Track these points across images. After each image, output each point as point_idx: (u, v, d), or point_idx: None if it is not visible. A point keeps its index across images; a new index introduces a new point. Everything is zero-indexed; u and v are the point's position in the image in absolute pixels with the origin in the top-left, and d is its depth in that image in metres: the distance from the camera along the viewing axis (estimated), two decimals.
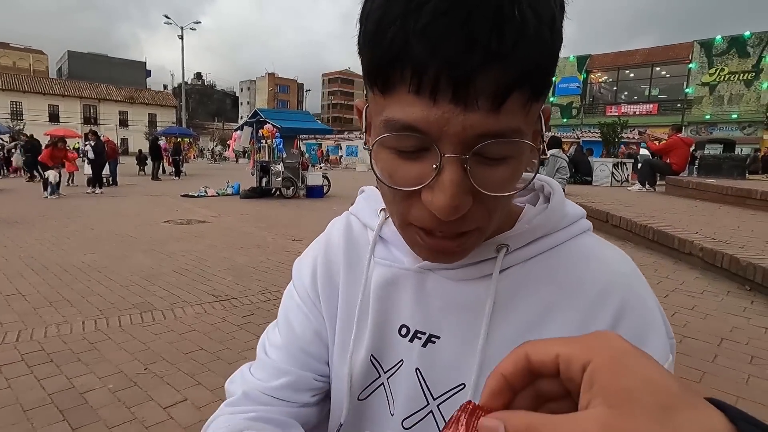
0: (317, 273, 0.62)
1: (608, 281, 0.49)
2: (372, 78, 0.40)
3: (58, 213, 8.73)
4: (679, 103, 25.83)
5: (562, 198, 0.55)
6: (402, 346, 0.55)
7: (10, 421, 2.17)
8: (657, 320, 0.48)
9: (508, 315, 0.50)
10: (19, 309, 3.66)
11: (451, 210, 0.39)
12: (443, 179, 0.38)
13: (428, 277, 0.54)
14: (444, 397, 0.52)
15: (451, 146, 0.38)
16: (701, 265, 4.37)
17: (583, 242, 0.53)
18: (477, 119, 0.36)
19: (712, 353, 2.69)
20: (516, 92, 0.36)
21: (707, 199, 7.84)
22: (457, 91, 0.35)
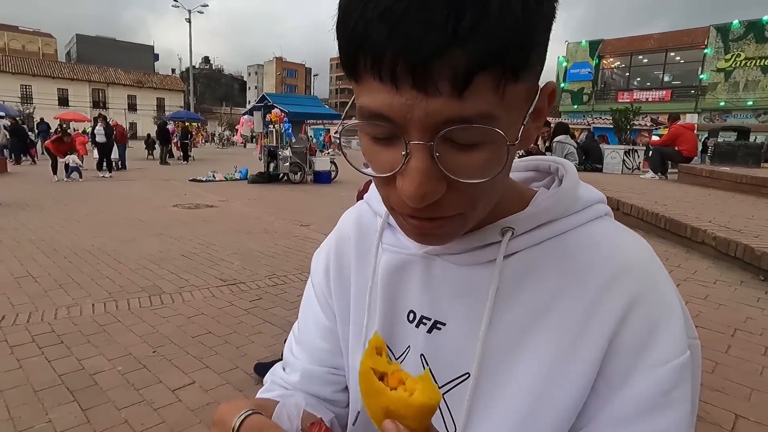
0: (330, 267, 0.63)
1: (621, 268, 0.46)
2: (343, 66, 0.40)
3: (67, 197, 8.79)
4: (693, 89, 25.34)
5: (575, 181, 0.52)
6: (409, 331, 0.54)
7: (21, 401, 2.20)
8: (674, 313, 0.45)
9: (512, 302, 0.48)
10: (30, 291, 3.70)
11: (419, 197, 0.38)
12: (410, 167, 0.38)
13: (434, 262, 0.53)
14: (449, 386, 0.51)
15: (416, 133, 0.37)
16: (714, 254, 4.30)
17: (597, 227, 0.50)
18: (439, 105, 0.35)
19: (725, 344, 2.65)
20: (481, 75, 0.34)
21: (721, 187, 7.71)
22: (416, 77, 0.34)
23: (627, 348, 0.44)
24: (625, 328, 0.45)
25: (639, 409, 0.43)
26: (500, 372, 0.47)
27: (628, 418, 0.44)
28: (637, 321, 0.44)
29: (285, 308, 3.48)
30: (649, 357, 0.44)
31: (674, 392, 0.43)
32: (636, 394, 0.44)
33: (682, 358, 0.44)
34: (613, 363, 0.45)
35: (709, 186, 7.99)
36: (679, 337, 0.44)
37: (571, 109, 28.65)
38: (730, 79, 24.08)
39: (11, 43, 57.55)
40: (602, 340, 0.45)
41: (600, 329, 0.45)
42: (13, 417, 2.07)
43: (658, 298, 0.46)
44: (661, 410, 0.43)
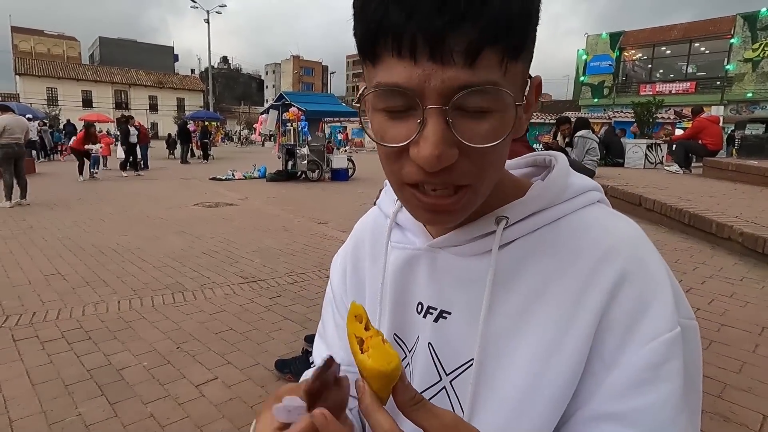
0: (347, 270, 0.68)
1: (609, 247, 0.48)
2: (363, 51, 0.44)
3: (92, 196, 9.02)
4: (719, 80, 24.61)
5: (565, 169, 0.55)
6: (418, 322, 0.57)
7: (53, 395, 2.27)
8: (664, 290, 0.47)
9: (510, 288, 0.51)
10: (59, 288, 3.82)
11: (435, 160, 0.41)
12: (426, 131, 0.41)
13: (438, 255, 0.56)
14: (456, 373, 0.53)
15: (432, 99, 0.41)
16: (741, 250, 4.19)
17: (588, 213, 0.53)
18: (454, 73, 0.39)
19: (753, 343, 2.59)
20: (488, 49, 0.39)
21: (748, 181, 7.49)
22: (433, 50, 0.39)
23: (617, 325, 0.46)
24: (614, 305, 0.46)
25: (630, 384, 0.45)
26: (502, 356, 0.50)
27: (619, 395, 0.45)
28: (625, 298, 0.46)
29: (304, 305, 3.52)
30: (638, 333, 0.45)
31: (663, 367, 0.44)
32: (627, 370, 0.45)
33: (672, 334, 0.45)
34: (605, 340, 0.46)
35: (736, 180, 7.77)
36: (668, 313, 0.45)
37: (592, 103, 28.14)
38: (757, 69, 23.29)
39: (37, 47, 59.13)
40: (593, 317, 0.46)
41: (590, 307, 0.47)
42: (45, 410, 2.15)
43: (646, 276, 0.47)
44: (650, 384, 0.44)
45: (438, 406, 0.55)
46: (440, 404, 0.53)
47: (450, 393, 0.53)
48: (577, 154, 7.65)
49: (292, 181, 11.93)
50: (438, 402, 0.53)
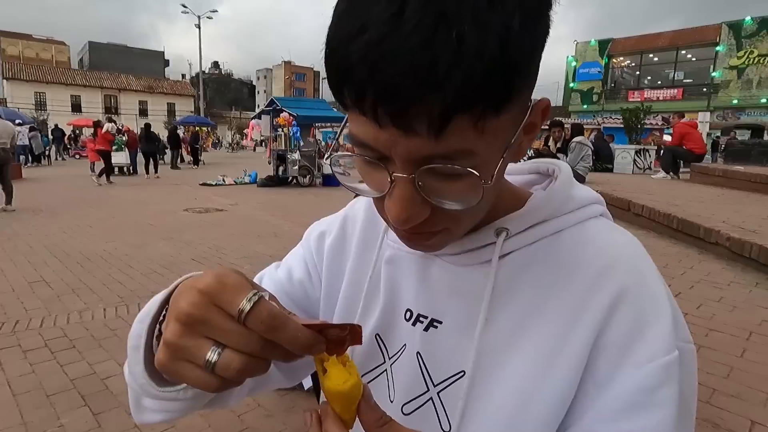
0: (326, 243, 0.65)
1: (609, 263, 0.47)
2: (334, 95, 0.41)
3: (80, 202, 8.91)
4: (705, 87, 25.00)
5: (568, 180, 0.54)
6: (405, 330, 0.55)
7: (35, 405, 2.22)
8: (662, 311, 0.45)
9: (507, 301, 0.49)
10: (43, 296, 3.75)
11: (402, 221, 0.41)
12: (394, 194, 0.40)
13: (433, 262, 0.54)
14: (444, 384, 0.51)
15: (399, 166, 0.39)
16: (728, 255, 4.24)
17: (590, 227, 0.52)
18: (419, 143, 0.37)
19: (741, 347, 2.60)
20: (458, 117, 0.35)
21: (735, 187, 7.60)
22: (395, 117, 0.36)
23: (613, 345, 0.45)
24: (611, 324, 0.45)
25: (622, 407, 0.43)
26: (494, 370, 0.48)
27: (611, 417, 0.43)
28: (623, 317, 0.45)
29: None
30: (634, 354, 0.44)
31: (659, 391, 0.43)
32: (620, 392, 0.43)
33: (669, 357, 0.43)
34: (600, 360, 0.45)
35: (723, 186, 7.88)
36: (666, 335, 0.44)
37: (581, 109, 28.43)
38: (743, 76, 23.72)
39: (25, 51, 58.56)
40: (589, 336, 0.45)
41: (587, 324, 0.45)
42: (26, 421, 2.10)
43: (646, 295, 0.46)
44: (644, 409, 0.43)
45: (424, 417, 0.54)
46: (426, 416, 0.52)
47: (437, 405, 0.51)
48: (572, 159, 7.71)
49: (283, 186, 11.88)
50: (424, 414, 0.52)
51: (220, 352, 0.34)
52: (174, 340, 0.35)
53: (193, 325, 0.34)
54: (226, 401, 0.57)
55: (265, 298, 0.34)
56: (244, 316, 0.33)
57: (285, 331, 0.34)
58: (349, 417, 0.37)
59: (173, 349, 0.35)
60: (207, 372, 0.34)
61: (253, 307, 0.33)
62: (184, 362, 0.35)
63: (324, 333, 0.35)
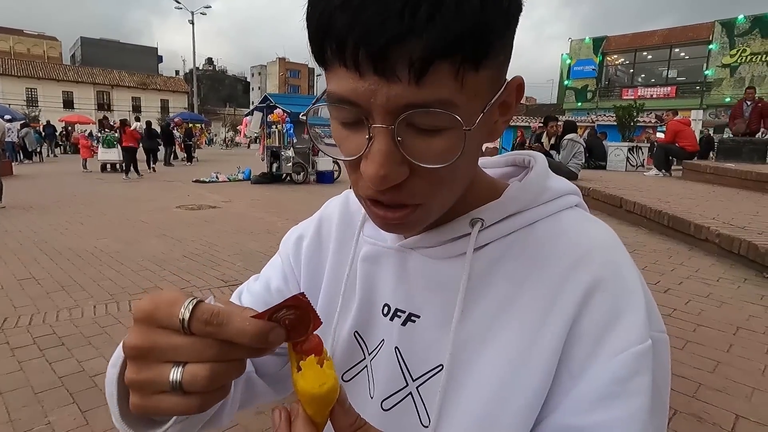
0: (303, 245, 0.65)
1: (583, 253, 0.47)
2: (313, 54, 0.41)
3: (71, 199, 8.85)
4: (698, 85, 25.14)
5: (543, 171, 0.54)
6: (383, 325, 0.55)
7: (22, 403, 2.21)
8: (635, 300, 0.45)
9: (483, 293, 0.49)
10: (33, 293, 3.72)
11: (380, 179, 0.39)
12: (373, 149, 0.39)
13: (409, 256, 0.54)
14: (423, 379, 0.51)
15: (379, 117, 0.38)
16: (717, 251, 4.27)
17: (564, 217, 0.52)
18: (399, 90, 0.37)
19: (728, 342, 2.63)
20: (439, 63, 0.36)
21: (726, 184, 7.66)
22: (376, 64, 0.36)
23: (587, 335, 0.45)
24: (585, 314, 0.45)
25: (596, 397, 0.43)
26: (471, 362, 0.48)
27: (586, 408, 0.43)
28: (597, 308, 0.45)
29: None
30: (608, 344, 0.44)
31: (632, 381, 0.43)
32: (594, 382, 0.44)
33: (642, 347, 0.43)
34: (574, 350, 0.45)
35: (714, 183, 7.93)
36: (639, 324, 0.44)
37: (575, 107, 28.51)
38: (735, 74, 23.86)
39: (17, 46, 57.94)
40: (563, 325, 0.45)
41: (562, 314, 0.45)
42: (13, 419, 2.09)
43: (619, 284, 0.46)
44: (618, 399, 0.43)
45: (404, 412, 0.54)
46: (406, 411, 0.52)
47: (416, 399, 0.51)
48: (564, 156, 7.74)
49: (276, 183, 11.85)
50: (403, 408, 0.52)
51: (181, 371, 0.33)
52: (134, 377, 0.34)
53: (144, 355, 0.34)
54: (218, 420, 0.55)
55: (203, 301, 0.34)
56: (186, 325, 0.32)
57: (231, 324, 0.33)
58: (322, 420, 0.36)
59: (138, 386, 0.35)
60: (179, 395, 0.33)
61: (193, 312, 0.32)
62: (154, 396, 0.34)
63: (274, 318, 0.34)
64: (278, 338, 0.34)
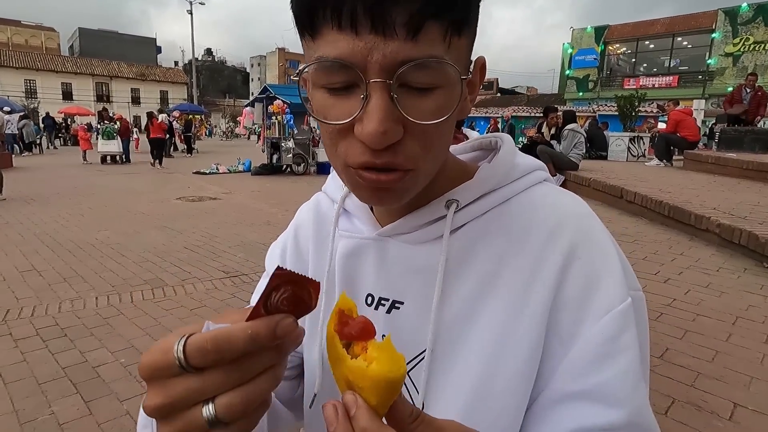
0: (287, 255, 0.65)
1: (557, 223, 0.49)
2: (301, 24, 0.42)
3: (72, 191, 8.85)
4: (701, 74, 24.97)
5: (511, 150, 0.56)
6: (368, 315, 0.55)
7: (25, 394, 2.23)
8: (612, 262, 0.47)
9: (463, 274, 0.50)
10: (35, 285, 3.74)
11: (380, 136, 0.39)
12: (371, 107, 0.40)
13: (388, 244, 0.54)
14: (411, 364, 0.52)
15: (375, 73, 0.39)
16: (718, 241, 4.27)
17: (536, 192, 0.53)
18: (396, 46, 0.38)
19: (726, 332, 2.64)
20: (430, 22, 0.39)
21: (727, 174, 7.64)
22: (374, 22, 0.38)
23: (572, 300, 0.46)
24: (567, 281, 0.47)
25: (590, 360, 0.45)
26: (456, 342, 0.49)
27: (581, 372, 0.45)
28: (577, 273, 0.47)
29: None
30: (592, 307, 0.46)
31: (620, 338, 0.45)
32: (585, 346, 0.45)
33: (624, 305, 0.45)
34: (561, 316, 0.46)
35: (715, 173, 7.91)
36: (618, 285, 0.46)
37: (577, 97, 28.36)
38: (738, 63, 23.67)
39: (14, 37, 57.56)
40: (547, 295, 0.47)
41: (543, 285, 0.47)
42: (17, 409, 2.11)
43: (594, 249, 0.48)
44: (610, 357, 0.44)
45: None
46: None
47: (408, 385, 0.52)
48: (565, 147, 7.70)
49: (277, 174, 11.84)
50: None
51: (212, 406, 0.31)
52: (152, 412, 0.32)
53: (168, 411, 0.32)
54: None
55: (194, 334, 0.31)
56: (185, 365, 0.30)
57: (233, 340, 0.30)
58: (384, 410, 0.31)
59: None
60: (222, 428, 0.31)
61: (185, 350, 0.30)
62: None
63: (269, 307, 0.31)
64: (288, 326, 0.31)
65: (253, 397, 0.31)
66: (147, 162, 14.41)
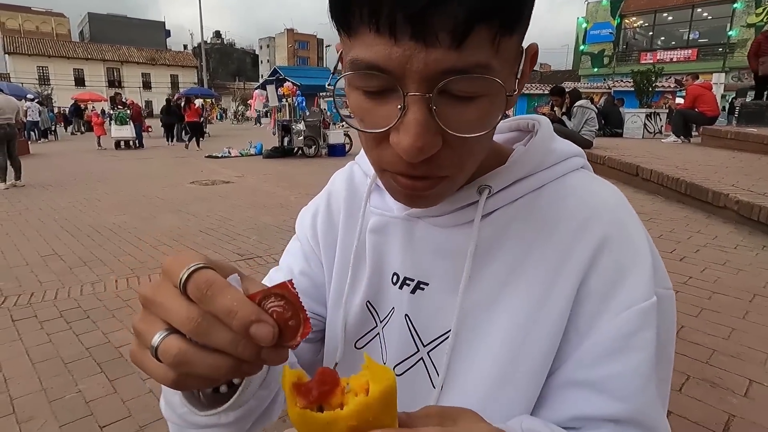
0: (317, 222, 0.64)
1: (590, 214, 0.48)
2: (336, 20, 0.39)
3: (88, 176, 8.98)
4: (721, 47, 24.17)
5: (548, 135, 0.54)
6: (393, 293, 0.56)
7: (53, 373, 2.31)
8: (643, 258, 0.46)
9: (491, 259, 0.50)
10: (56, 268, 3.83)
11: (417, 151, 0.38)
12: (408, 119, 0.37)
13: (417, 225, 0.54)
14: (433, 344, 0.52)
15: (414, 85, 0.36)
16: (736, 218, 4.20)
17: (570, 179, 0.52)
18: (439, 55, 0.35)
19: (743, 309, 2.61)
20: (479, 27, 0.35)
21: (747, 150, 7.44)
22: (415, 28, 0.34)
23: (595, 293, 0.46)
24: (593, 273, 0.46)
25: (602, 353, 0.45)
26: (480, 326, 0.49)
27: (591, 362, 0.45)
28: (605, 266, 0.46)
29: None
30: (613, 301, 0.45)
31: (636, 336, 0.44)
32: (600, 338, 0.45)
33: (646, 304, 0.45)
34: (582, 308, 0.46)
35: (735, 149, 7.71)
36: (644, 282, 0.45)
37: (591, 73, 27.71)
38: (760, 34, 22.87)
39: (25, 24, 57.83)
40: (572, 286, 0.46)
41: (570, 275, 0.46)
42: (45, 388, 2.19)
43: (625, 243, 0.47)
44: (622, 353, 0.44)
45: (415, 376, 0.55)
46: (417, 375, 0.54)
47: (428, 364, 0.53)
48: (576, 124, 7.58)
49: (288, 157, 11.85)
50: (415, 373, 0.54)
51: (162, 337, 0.31)
52: (135, 324, 0.34)
53: (147, 306, 0.33)
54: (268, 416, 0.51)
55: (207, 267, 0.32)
56: (182, 284, 0.31)
57: (222, 298, 0.30)
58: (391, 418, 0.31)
59: (135, 334, 0.34)
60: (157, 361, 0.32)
61: (191, 275, 0.31)
62: (145, 350, 0.33)
63: (263, 306, 0.31)
64: (264, 333, 0.30)
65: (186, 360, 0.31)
66: (160, 147, 14.54)
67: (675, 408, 1.80)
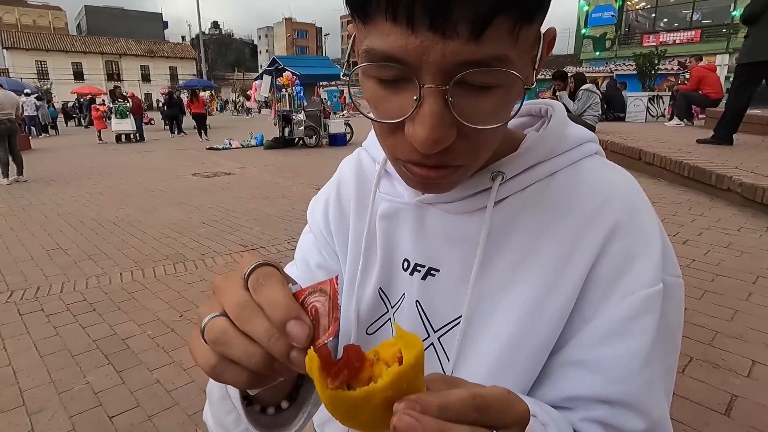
0: (329, 210, 0.64)
1: (602, 202, 0.48)
2: (353, 8, 0.38)
3: (90, 170, 8.99)
4: (725, 28, 23.83)
5: (563, 120, 0.53)
6: (404, 279, 0.56)
7: (61, 365, 2.34)
8: (651, 245, 0.46)
9: (503, 245, 0.49)
10: (61, 262, 3.86)
11: (432, 143, 0.38)
12: (423, 111, 0.37)
13: (428, 211, 0.54)
14: (444, 330, 0.53)
15: (430, 76, 0.36)
16: (740, 201, 4.18)
17: (583, 166, 0.51)
18: (457, 47, 0.34)
19: (747, 291, 2.61)
20: (500, 17, 0.34)
21: (751, 131, 7.38)
22: (434, 19, 0.33)
23: (603, 278, 0.46)
24: (603, 258, 0.46)
25: (601, 335, 0.45)
26: (491, 312, 0.49)
27: (590, 344, 0.45)
28: (614, 251, 0.46)
29: None
30: (619, 287, 0.45)
31: (637, 321, 0.44)
32: (601, 322, 0.45)
33: (652, 290, 0.44)
34: (589, 294, 0.46)
35: (739, 130, 7.65)
36: (652, 268, 0.45)
37: (593, 56, 27.42)
38: (765, 14, 22.52)
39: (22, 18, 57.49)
40: (583, 271, 0.46)
41: (581, 260, 0.46)
42: (54, 380, 2.22)
43: (636, 230, 0.47)
44: (621, 336, 0.44)
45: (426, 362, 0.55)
46: (428, 360, 0.53)
47: (438, 350, 0.53)
48: (579, 107, 7.52)
49: (289, 147, 11.82)
50: (426, 358, 0.54)
51: (214, 316, 0.33)
52: (198, 309, 0.35)
53: (215, 292, 0.35)
54: None
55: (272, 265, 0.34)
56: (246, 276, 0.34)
57: (270, 289, 0.32)
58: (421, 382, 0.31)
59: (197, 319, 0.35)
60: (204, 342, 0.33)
61: (256, 268, 0.34)
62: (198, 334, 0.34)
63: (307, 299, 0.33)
64: (299, 331, 0.30)
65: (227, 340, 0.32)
66: (161, 139, 14.52)
67: (678, 389, 1.81)
